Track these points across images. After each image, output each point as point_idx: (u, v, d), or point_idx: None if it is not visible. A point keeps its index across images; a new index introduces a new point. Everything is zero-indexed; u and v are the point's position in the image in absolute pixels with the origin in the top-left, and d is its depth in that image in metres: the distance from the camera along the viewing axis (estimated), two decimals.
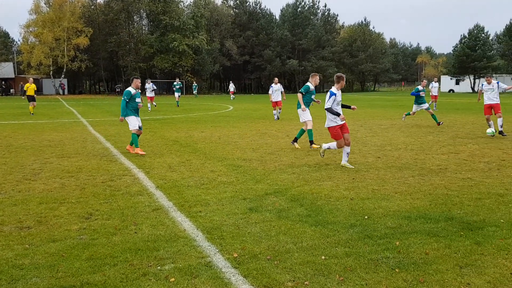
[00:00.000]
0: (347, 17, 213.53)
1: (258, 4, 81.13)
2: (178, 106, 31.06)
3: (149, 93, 27.64)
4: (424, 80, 18.70)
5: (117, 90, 67.24)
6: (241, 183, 7.25)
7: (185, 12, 70.07)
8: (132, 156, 9.99)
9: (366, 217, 5.42)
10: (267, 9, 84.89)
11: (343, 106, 8.72)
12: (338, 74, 8.60)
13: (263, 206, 5.95)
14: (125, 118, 10.45)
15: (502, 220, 5.24)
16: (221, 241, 4.66)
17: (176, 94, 31.58)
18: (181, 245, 4.56)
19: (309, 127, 11.07)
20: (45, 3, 63.56)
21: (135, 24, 72.50)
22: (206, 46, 67.27)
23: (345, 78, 8.69)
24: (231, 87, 50.57)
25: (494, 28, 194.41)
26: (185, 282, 3.74)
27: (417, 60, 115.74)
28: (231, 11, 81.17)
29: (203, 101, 42.29)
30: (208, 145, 11.70)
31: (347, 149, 8.43)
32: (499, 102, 13.19)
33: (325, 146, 8.95)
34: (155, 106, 29.47)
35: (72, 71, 63.65)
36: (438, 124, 15.87)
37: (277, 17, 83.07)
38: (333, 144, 8.65)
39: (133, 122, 10.39)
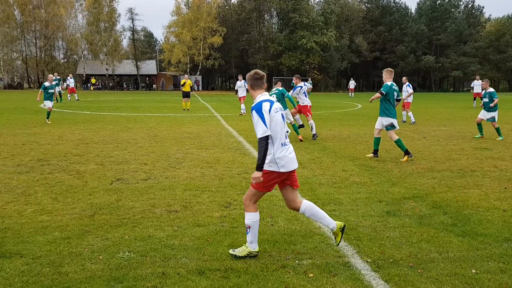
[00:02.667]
0: (494, 9, 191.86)
1: None
2: None
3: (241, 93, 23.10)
4: None
5: (246, 87, 70.23)
6: (375, 185, 7.00)
7: (315, 9, 70.10)
8: None
9: None
10: (401, 3, 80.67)
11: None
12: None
13: (402, 210, 5.65)
14: None
15: None
16: (358, 243, 4.55)
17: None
18: (317, 242, 4.55)
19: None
20: (185, 5, 69.02)
21: (266, 22, 74.75)
22: (335, 43, 66.48)
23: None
24: (352, 84, 49.02)
25: None
26: (324, 279, 3.72)
27: None
28: (363, 6, 78.97)
29: (329, 99, 41.96)
30: (338, 144, 11.54)
31: None
32: None
33: None
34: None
35: (206, 68, 68.18)
36: None
37: (413, 11, 78.58)
38: None
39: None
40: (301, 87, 12.76)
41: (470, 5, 77.55)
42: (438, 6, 73.29)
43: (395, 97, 9.10)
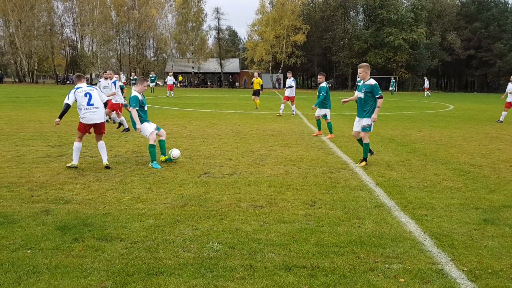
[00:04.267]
0: None
1: None
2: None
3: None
4: None
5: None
6: (471, 191, 6.56)
7: (404, 4, 67.22)
8: (347, 151, 10.11)
9: None
10: None
11: None
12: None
13: (501, 219, 5.25)
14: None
15: None
16: (452, 250, 4.30)
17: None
18: (408, 247, 4.37)
19: None
20: (269, 3, 69.61)
21: (351, 19, 73.11)
22: (425, 40, 63.23)
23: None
24: (426, 83, 46.22)
25: None
26: (416, 285, 3.57)
27: None
28: (457, 1, 74.25)
29: (418, 99, 40.05)
30: (428, 146, 10.98)
31: None
32: None
33: None
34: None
35: (288, 66, 68.32)
36: None
37: None
38: None
39: None
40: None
41: None
42: None
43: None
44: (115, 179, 7.02)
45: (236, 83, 74.32)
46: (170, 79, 35.77)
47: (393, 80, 53.20)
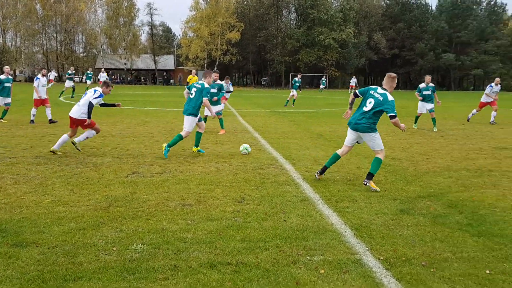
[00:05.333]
0: None
1: None
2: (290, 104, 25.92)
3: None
4: None
5: (263, 83, 70.21)
6: (390, 183, 6.94)
7: (333, 5, 69.56)
8: (278, 147, 10.30)
9: None
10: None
11: None
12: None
13: (416, 209, 5.60)
14: None
15: None
16: (370, 240, 4.52)
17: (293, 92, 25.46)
18: (329, 239, 4.54)
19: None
20: (203, 0, 69.11)
21: (284, 18, 74.43)
22: (353, 40, 65.91)
23: None
24: (353, 81, 48.26)
25: None
26: (335, 275, 3.72)
27: None
28: (382, 3, 78.04)
29: (347, 96, 41.66)
30: None
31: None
32: None
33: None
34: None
35: (223, 64, 68.27)
36: None
37: (433, 8, 77.37)
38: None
39: None
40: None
41: (492, 2, 75.89)
42: (459, 3, 71.93)
43: None
44: (34, 181, 6.64)
45: (171, 80, 73.04)
46: (103, 76, 34.43)
47: (324, 78, 54.89)
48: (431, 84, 14.51)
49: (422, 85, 14.72)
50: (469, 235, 4.69)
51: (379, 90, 6.66)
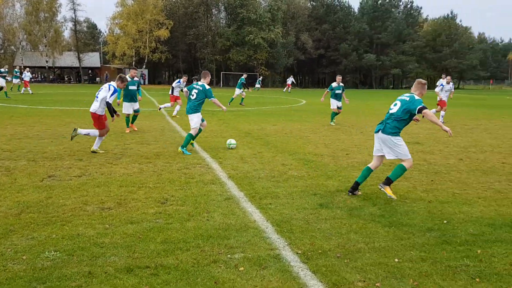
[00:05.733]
0: (432, 10, 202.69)
1: None
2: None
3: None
4: None
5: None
6: (312, 178, 7.17)
7: (262, 5, 70.41)
8: (206, 146, 10.26)
9: (445, 221, 5.13)
10: (345, 2, 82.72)
11: None
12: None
13: (334, 202, 5.84)
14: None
15: None
16: (290, 235, 4.65)
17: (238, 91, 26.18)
18: (251, 236, 4.60)
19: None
20: None
21: (213, 17, 74.16)
22: (281, 40, 67.20)
23: None
24: (290, 80, 49.56)
25: None
26: (254, 272, 3.77)
27: (508, 56, 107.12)
28: (308, 4, 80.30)
29: (275, 95, 42.44)
30: (280, 138, 11.71)
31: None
32: None
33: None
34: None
35: (152, 62, 66.65)
36: None
37: (356, 10, 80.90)
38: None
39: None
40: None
41: (409, 6, 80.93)
42: (379, 6, 75.88)
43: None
44: None
45: (97, 79, 70.05)
46: (27, 75, 32.21)
47: (260, 78, 55.34)
48: (341, 84, 15.56)
49: (334, 84, 15.53)
50: (381, 225, 4.97)
51: (406, 94, 6.20)
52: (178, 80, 18.60)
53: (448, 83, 16.82)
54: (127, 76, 10.52)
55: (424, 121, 15.95)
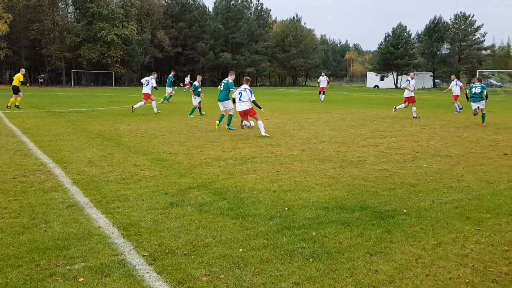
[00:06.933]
0: (280, 12, 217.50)
1: None
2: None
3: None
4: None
5: (40, 80, 63.23)
6: (164, 177, 7.08)
7: (114, 0, 67.15)
8: (48, 151, 9.42)
9: (286, 208, 5.51)
10: (200, 1, 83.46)
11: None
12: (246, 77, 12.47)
13: (185, 200, 5.85)
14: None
15: (412, 209, 5.56)
16: (137, 238, 4.51)
17: (168, 89, 26.18)
18: (94, 243, 4.35)
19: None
20: None
21: (60, 11, 68.37)
22: (137, 37, 65.01)
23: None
24: (187, 79, 47.89)
25: (416, 27, 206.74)
26: (95, 281, 3.57)
27: (345, 56, 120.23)
28: (163, 1, 79.11)
29: (132, 93, 40.97)
30: (134, 139, 11.33)
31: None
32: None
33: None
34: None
35: None
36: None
37: (211, 10, 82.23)
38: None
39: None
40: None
41: (259, 7, 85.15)
42: (232, 7, 78.31)
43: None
44: None
45: None
46: None
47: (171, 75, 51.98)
48: (200, 83, 18.29)
49: (196, 83, 17.92)
50: (229, 218, 5.13)
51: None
52: (150, 78, 19.65)
53: (412, 78, 18.97)
54: None
55: (276, 117, 16.97)
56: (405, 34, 75.11)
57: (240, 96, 12.13)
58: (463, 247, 4.37)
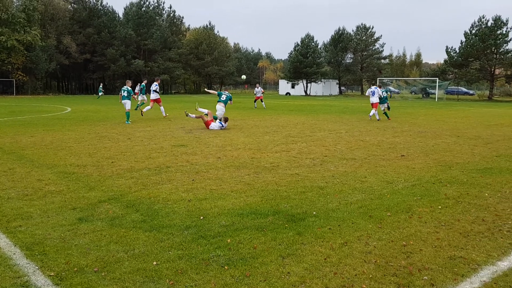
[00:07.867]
0: (192, 20, 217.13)
1: (99, 0, 76.64)
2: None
3: None
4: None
5: None
6: (71, 192, 6.73)
7: (14, 4, 62.32)
8: None
9: (201, 217, 5.51)
10: (109, 6, 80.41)
11: None
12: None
13: (95, 215, 5.61)
14: None
15: (321, 210, 5.86)
16: (42, 257, 4.25)
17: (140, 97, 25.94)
18: None
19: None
20: None
21: None
22: (40, 43, 60.92)
23: None
24: (137, 88, 43.76)
25: (322, 38, 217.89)
26: None
27: (258, 64, 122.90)
28: (69, 6, 75.01)
29: (36, 102, 38.29)
30: (38, 151, 10.61)
31: None
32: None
33: None
34: None
35: None
36: None
37: (121, 16, 79.57)
38: None
39: None
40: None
41: (172, 15, 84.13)
42: (143, 13, 76.47)
43: None
44: None
45: None
46: None
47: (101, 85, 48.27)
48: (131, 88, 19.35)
49: (128, 88, 19.18)
50: (142, 231, 5.02)
51: None
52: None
53: (380, 86, 22.09)
54: None
55: (192, 125, 16.87)
56: (313, 43, 78.55)
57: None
58: (367, 244, 4.70)
